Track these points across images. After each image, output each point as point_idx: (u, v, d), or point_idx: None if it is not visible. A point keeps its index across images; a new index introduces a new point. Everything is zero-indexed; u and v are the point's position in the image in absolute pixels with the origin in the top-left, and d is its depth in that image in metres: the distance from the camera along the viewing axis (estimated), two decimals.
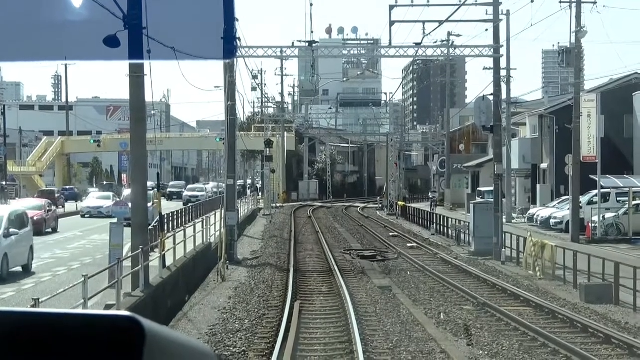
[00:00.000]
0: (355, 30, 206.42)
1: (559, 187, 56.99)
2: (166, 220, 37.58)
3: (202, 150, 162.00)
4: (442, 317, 21.67)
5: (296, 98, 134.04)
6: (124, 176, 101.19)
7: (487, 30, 41.40)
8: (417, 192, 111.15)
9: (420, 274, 31.06)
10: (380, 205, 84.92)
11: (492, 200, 39.37)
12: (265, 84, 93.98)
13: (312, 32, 69.40)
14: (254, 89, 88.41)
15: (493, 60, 39.96)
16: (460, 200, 76.65)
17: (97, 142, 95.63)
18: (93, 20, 3.28)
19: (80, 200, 69.76)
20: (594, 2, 43.02)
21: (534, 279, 29.26)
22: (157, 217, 27.02)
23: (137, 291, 20.95)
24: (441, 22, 40.63)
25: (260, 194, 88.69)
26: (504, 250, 35.54)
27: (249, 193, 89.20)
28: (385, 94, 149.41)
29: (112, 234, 23.15)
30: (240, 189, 67.21)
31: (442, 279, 29.03)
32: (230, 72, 36.49)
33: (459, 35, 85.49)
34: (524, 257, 32.42)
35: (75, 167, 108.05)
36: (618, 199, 45.44)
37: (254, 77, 74.30)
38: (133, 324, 1.40)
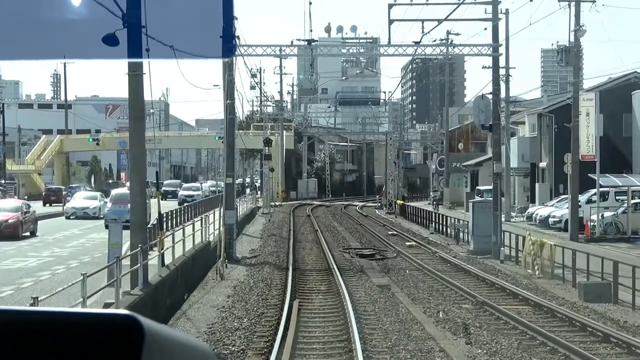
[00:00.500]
0: (354, 28, 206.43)
1: (557, 185, 57.01)
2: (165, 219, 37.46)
3: (201, 149, 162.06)
4: (441, 315, 21.67)
5: (295, 97, 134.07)
6: (122, 175, 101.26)
7: (486, 29, 41.36)
8: (416, 191, 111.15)
9: (419, 273, 31.06)
10: (379, 204, 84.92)
11: (491, 199, 39.37)
12: (264, 83, 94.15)
13: (311, 30, 69.63)
14: (252, 88, 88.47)
15: (492, 59, 39.97)
16: (459, 199, 76.71)
17: (96, 140, 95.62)
18: (92, 19, 3.28)
19: (66, 200, 63.65)
20: (593, 1, 43.00)
21: (533, 278, 29.27)
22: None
23: (136, 290, 20.94)
24: (440, 21, 40.64)
25: (259, 192, 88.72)
26: (502, 249, 35.55)
27: (248, 192, 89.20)
28: (384, 92, 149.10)
29: (111, 232, 23.15)
30: (239, 187, 67.15)
31: (441, 277, 29.04)
32: (229, 70, 36.49)
33: (458, 34, 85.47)
34: (522, 256, 32.43)
35: (74, 165, 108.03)
36: (617, 197, 45.45)
37: (253, 76, 74.43)
38: (132, 322, 1.40)
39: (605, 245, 38.27)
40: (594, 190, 44.06)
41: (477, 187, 69.02)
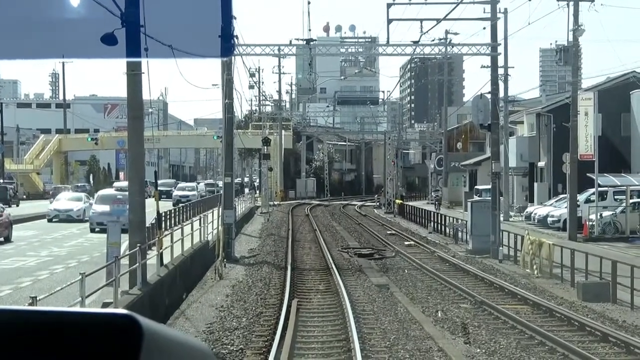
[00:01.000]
0: (352, 28, 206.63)
1: (556, 185, 57.03)
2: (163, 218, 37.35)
3: (200, 149, 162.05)
4: (439, 315, 21.67)
5: (294, 96, 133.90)
6: (121, 174, 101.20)
7: (484, 28, 41.34)
8: (415, 190, 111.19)
9: (418, 272, 31.07)
10: (378, 204, 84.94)
11: (490, 198, 39.36)
12: (263, 82, 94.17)
13: (310, 30, 69.61)
14: (251, 87, 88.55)
15: (490, 58, 39.96)
16: (457, 198, 76.73)
17: (95, 140, 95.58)
18: (90, 18, 3.27)
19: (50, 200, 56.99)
20: (592, 1, 42.99)
21: (532, 277, 29.28)
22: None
23: (135, 289, 20.93)
24: (439, 20, 40.61)
25: (258, 192, 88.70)
26: (501, 248, 35.55)
27: (247, 191, 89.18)
28: (383, 92, 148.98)
29: (110, 231, 23.15)
30: (237, 187, 67.11)
31: (439, 277, 29.04)
32: (227, 70, 36.47)
33: (456, 34, 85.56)
34: (521, 256, 32.44)
35: (72, 165, 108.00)
36: (615, 197, 45.48)
37: (252, 75, 74.41)
38: (130, 322, 1.40)
39: (603, 245, 38.29)
40: (592, 190, 44.08)
41: (476, 187, 69.00)
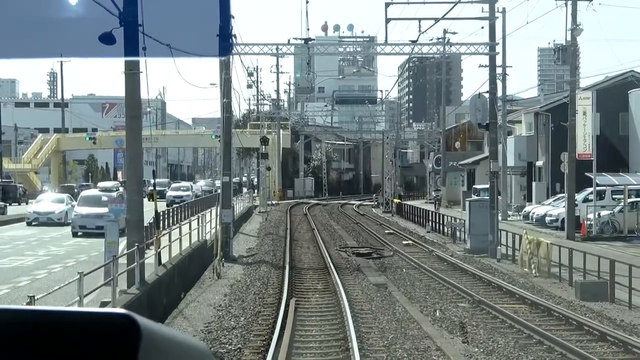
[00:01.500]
0: (351, 27, 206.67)
1: (554, 184, 57.05)
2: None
3: (198, 148, 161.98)
4: (437, 314, 21.68)
5: (292, 95, 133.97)
6: (119, 173, 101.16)
7: (482, 27, 41.29)
8: (413, 189, 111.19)
9: (416, 272, 31.07)
10: (376, 203, 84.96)
11: (488, 197, 39.38)
12: (261, 81, 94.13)
13: (308, 29, 69.62)
14: (249, 86, 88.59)
15: (489, 57, 39.94)
16: (455, 197, 76.75)
17: (93, 139, 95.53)
18: (89, 18, 3.27)
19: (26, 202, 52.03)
20: (590, 0, 43.00)
21: (530, 277, 29.28)
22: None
23: (133, 288, 20.92)
24: (437, 20, 40.57)
25: (256, 191, 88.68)
26: (499, 247, 35.56)
27: (245, 190, 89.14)
28: (381, 91, 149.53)
29: (108, 231, 23.13)
30: (236, 186, 67.05)
31: (437, 276, 29.04)
32: (225, 69, 36.45)
33: (454, 33, 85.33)
34: (519, 255, 32.45)
35: (70, 164, 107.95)
36: (613, 196, 45.49)
37: (250, 75, 74.47)
38: (128, 321, 1.40)
39: (601, 244, 38.30)
40: (590, 189, 44.10)
41: (474, 186, 69.00)
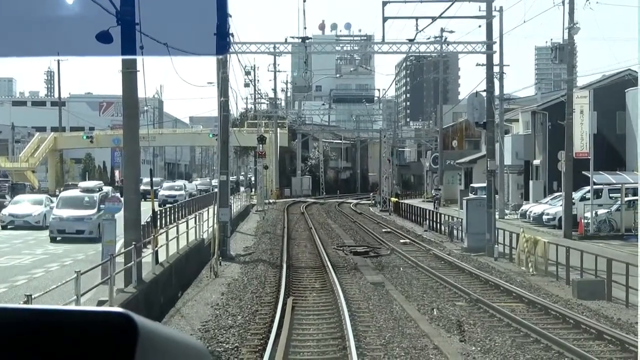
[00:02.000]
0: (348, 26, 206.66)
1: (551, 183, 57.08)
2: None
3: (195, 147, 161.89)
4: (435, 313, 21.69)
5: (289, 94, 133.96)
6: (117, 172, 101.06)
7: (480, 26, 41.32)
8: (410, 188, 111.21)
9: (413, 270, 31.08)
10: (373, 202, 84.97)
11: (485, 196, 39.40)
12: (258, 80, 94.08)
13: (305, 28, 69.58)
14: (246, 85, 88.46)
15: (486, 56, 39.96)
16: (453, 196, 76.72)
17: (90, 138, 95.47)
18: (86, 16, 3.27)
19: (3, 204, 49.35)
20: None
21: (527, 275, 29.30)
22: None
23: (130, 287, 20.93)
24: (434, 19, 40.57)
25: (253, 190, 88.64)
26: (496, 246, 35.58)
27: (242, 189, 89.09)
28: (378, 90, 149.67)
29: (105, 230, 23.14)
30: (233, 185, 67.02)
31: (434, 275, 29.05)
32: (223, 68, 36.45)
33: (452, 32, 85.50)
34: (516, 253, 32.46)
35: (67, 163, 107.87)
36: (610, 195, 45.51)
37: (247, 73, 74.31)
38: (125, 320, 1.40)
39: (599, 243, 38.31)
40: (587, 188, 44.11)
41: (471, 185, 69.02)
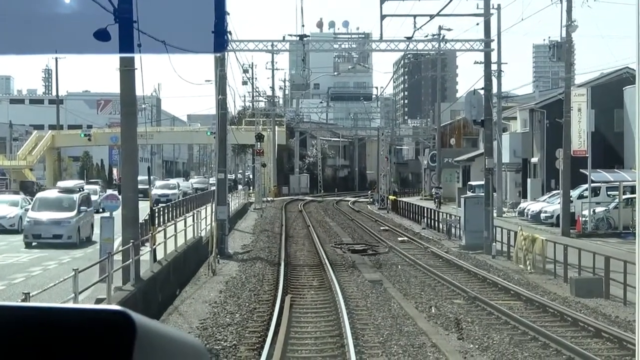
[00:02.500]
0: (346, 24, 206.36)
1: (549, 181, 57.10)
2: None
3: (193, 144, 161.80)
4: (432, 311, 21.70)
5: (287, 92, 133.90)
6: (114, 170, 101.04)
7: (477, 24, 41.43)
8: (408, 186, 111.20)
9: (411, 268, 31.09)
10: (371, 200, 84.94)
11: (483, 194, 39.41)
12: (256, 78, 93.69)
13: (303, 25, 69.47)
14: (244, 83, 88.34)
15: (484, 54, 39.96)
16: (451, 194, 76.66)
17: (88, 136, 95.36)
18: (84, 14, 3.27)
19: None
20: None
21: (525, 273, 29.32)
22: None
23: (128, 285, 20.92)
24: (432, 16, 40.59)
25: (251, 188, 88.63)
26: (494, 244, 35.60)
27: (240, 187, 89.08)
28: (376, 88, 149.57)
29: (103, 227, 23.11)
30: (231, 183, 66.96)
31: (432, 272, 29.06)
32: (221, 65, 36.43)
33: (449, 30, 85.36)
34: (514, 251, 32.48)
35: (65, 161, 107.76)
36: (608, 193, 45.53)
37: (245, 71, 74.35)
38: (123, 318, 1.39)
39: (596, 241, 38.34)
40: (585, 186, 44.14)
41: (469, 183, 69.00)
